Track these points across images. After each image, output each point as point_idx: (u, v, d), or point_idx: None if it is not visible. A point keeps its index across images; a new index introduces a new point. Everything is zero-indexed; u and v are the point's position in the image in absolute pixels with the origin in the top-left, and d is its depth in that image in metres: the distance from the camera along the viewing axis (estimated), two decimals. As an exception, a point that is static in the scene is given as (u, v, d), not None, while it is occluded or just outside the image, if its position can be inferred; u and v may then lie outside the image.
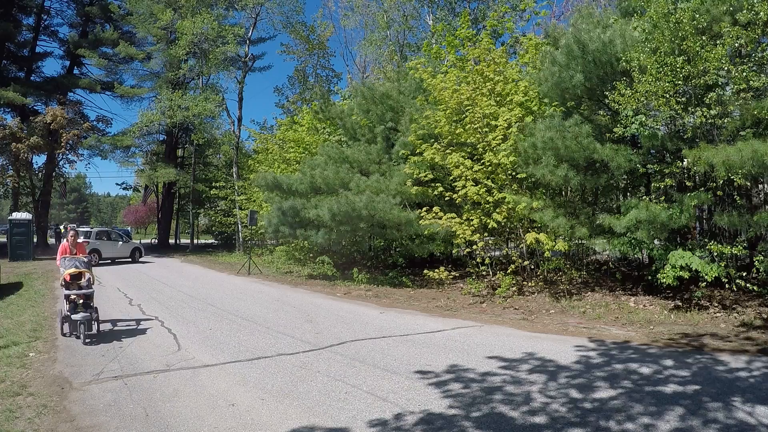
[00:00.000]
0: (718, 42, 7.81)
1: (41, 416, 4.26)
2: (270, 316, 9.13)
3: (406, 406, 4.46)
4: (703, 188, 8.88)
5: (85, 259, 7.81)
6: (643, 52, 8.36)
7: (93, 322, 7.21)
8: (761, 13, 7.27)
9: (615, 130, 9.10)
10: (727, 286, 8.39)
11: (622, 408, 4.32)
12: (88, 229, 22.65)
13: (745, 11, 7.49)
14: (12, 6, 26.71)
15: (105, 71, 30.84)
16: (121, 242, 22.92)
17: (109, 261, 21.78)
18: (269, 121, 49.38)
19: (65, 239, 8.19)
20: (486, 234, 11.93)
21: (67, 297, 7.20)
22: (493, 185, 11.12)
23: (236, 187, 26.85)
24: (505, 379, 5.18)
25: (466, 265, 13.32)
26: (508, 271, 10.97)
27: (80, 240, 8.57)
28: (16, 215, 21.68)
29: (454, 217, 11.30)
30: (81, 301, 7.19)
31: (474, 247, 11.69)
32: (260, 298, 11.43)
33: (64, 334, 7.27)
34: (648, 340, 6.98)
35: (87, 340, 6.86)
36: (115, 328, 8.01)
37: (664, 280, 8.29)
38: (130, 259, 22.71)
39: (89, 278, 7.59)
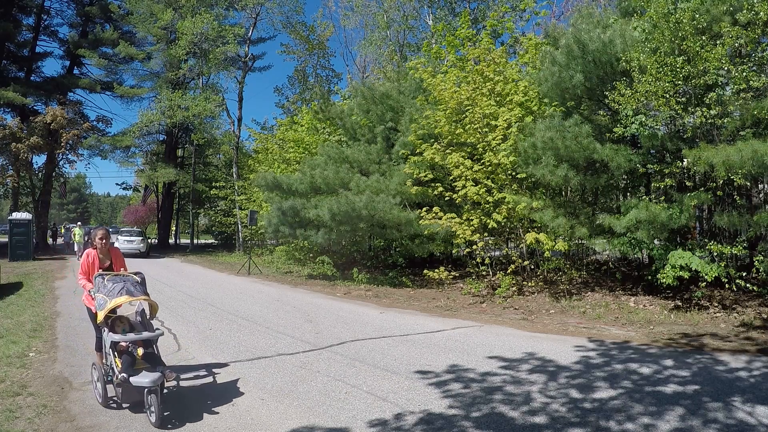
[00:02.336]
0: (718, 42, 7.81)
1: (41, 416, 4.26)
2: (270, 316, 9.13)
3: (406, 406, 4.46)
4: (703, 188, 8.89)
5: (138, 279, 4.71)
6: (643, 52, 8.35)
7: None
8: (761, 13, 7.27)
9: (615, 130, 9.10)
10: (727, 286, 8.39)
11: (622, 408, 4.31)
12: (139, 230, 26.81)
13: (745, 11, 7.49)
14: (12, 6, 26.71)
15: (105, 71, 30.87)
16: (148, 241, 28.18)
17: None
18: (269, 121, 49.39)
19: (91, 242, 5.19)
20: (486, 234, 11.93)
21: (115, 346, 4.37)
22: (493, 185, 11.12)
23: (236, 187, 26.87)
24: (505, 379, 5.18)
25: (466, 265, 13.32)
26: (508, 271, 10.97)
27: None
28: (16, 215, 21.69)
29: (454, 217, 11.29)
30: (141, 351, 4.45)
31: (474, 247, 11.69)
32: (260, 298, 11.43)
33: (109, 404, 4.45)
34: (648, 340, 6.98)
35: (162, 414, 4.08)
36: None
37: (664, 280, 8.29)
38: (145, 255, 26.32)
39: (143, 310, 4.70)
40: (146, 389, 4.09)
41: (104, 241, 5.04)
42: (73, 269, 18.11)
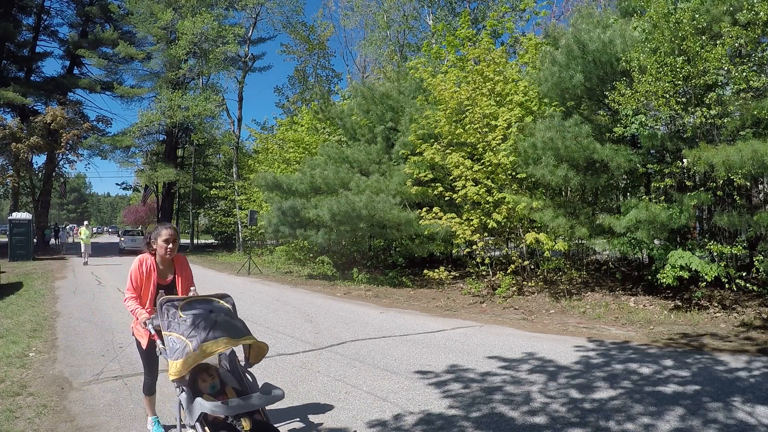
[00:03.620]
0: (718, 42, 7.81)
1: (41, 416, 4.26)
2: (270, 316, 9.13)
3: (406, 406, 4.46)
4: (703, 188, 8.88)
5: (228, 305, 3.35)
6: (643, 52, 8.35)
7: None
8: (761, 13, 7.27)
9: (615, 130, 9.10)
10: (727, 286, 8.39)
11: (622, 408, 4.31)
12: (139, 230, 27.93)
13: (745, 11, 7.48)
14: (12, 6, 26.74)
15: (105, 71, 30.93)
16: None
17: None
18: (269, 121, 49.41)
19: (148, 244, 3.64)
20: (486, 234, 11.93)
21: (204, 420, 2.87)
22: (493, 185, 11.12)
23: (236, 187, 26.88)
24: (505, 379, 5.18)
25: (466, 265, 13.32)
26: (508, 271, 10.97)
27: None
28: (16, 215, 21.72)
29: (454, 217, 11.29)
30: (248, 424, 2.93)
31: (474, 247, 11.69)
32: (260, 298, 11.43)
33: None
34: (648, 340, 6.98)
35: None
36: (116, 329, 8.01)
37: (664, 280, 8.28)
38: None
39: (232, 351, 3.44)
40: None
41: (170, 246, 3.47)
42: (73, 269, 18.11)
